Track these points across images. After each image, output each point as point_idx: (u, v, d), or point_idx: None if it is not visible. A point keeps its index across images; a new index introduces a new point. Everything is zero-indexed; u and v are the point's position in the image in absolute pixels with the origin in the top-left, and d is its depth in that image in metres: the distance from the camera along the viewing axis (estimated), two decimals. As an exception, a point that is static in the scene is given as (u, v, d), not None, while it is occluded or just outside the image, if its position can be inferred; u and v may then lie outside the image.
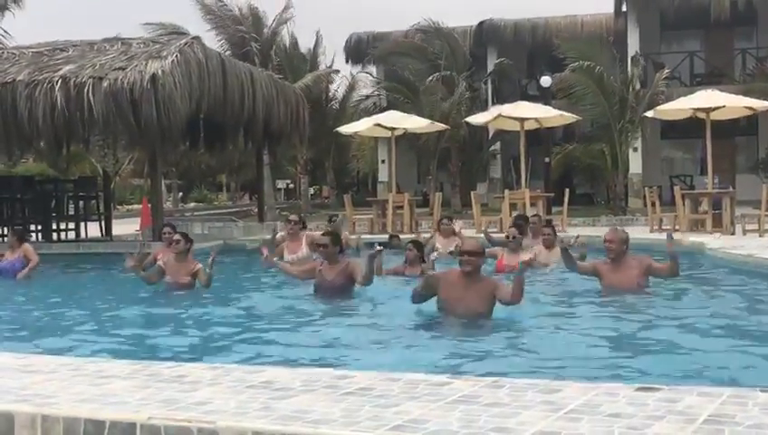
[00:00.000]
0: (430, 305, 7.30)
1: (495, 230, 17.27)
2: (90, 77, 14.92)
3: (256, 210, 23.63)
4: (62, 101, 14.84)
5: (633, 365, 5.55)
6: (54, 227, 19.91)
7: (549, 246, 10.88)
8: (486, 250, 8.54)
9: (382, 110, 26.72)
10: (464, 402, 3.62)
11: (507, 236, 10.80)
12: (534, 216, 13.68)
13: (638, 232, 15.13)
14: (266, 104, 18.18)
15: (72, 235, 20.12)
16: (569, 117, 20.74)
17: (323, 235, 9.11)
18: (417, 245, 10.43)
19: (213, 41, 31.72)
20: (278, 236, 12.38)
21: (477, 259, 7.06)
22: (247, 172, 46.39)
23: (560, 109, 21.58)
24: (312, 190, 43.61)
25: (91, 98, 14.67)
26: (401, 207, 19.54)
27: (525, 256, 8.51)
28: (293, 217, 12.40)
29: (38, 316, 8.57)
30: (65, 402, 3.81)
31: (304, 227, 12.36)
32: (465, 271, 7.02)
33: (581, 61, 24.69)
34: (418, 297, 7.29)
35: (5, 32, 24.32)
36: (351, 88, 36.91)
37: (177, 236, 9.81)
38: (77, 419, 3.60)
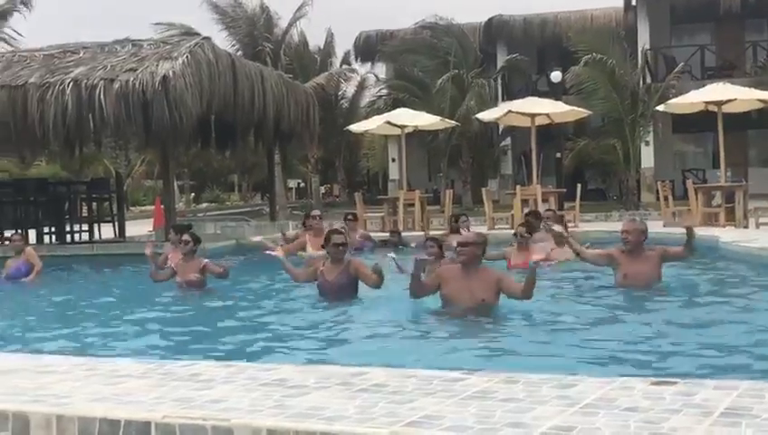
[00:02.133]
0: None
1: (507, 227, 17.24)
2: (101, 79, 14.95)
3: (268, 210, 23.65)
4: (74, 104, 14.87)
5: (648, 359, 5.52)
6: (68, 228, 19.97)
7: (559, 242, 10.83)
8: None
9: (392, 108, 26.70)
10: (478, 398, 3.60)
11: (515, 235, 10.78)
12: (548, 210, 13.61)
13: (652, 226, 15.02)
14: (277, 104, 18.16)
15: (85, 236, 20.18)
16: (580, 112, 20.67)
17: (334, 232, 8.99)
18: (436, 241, 10.31)
19: (223, 41, 31.77)
20: (289, 233, 12.52)
21: (472, 249, 7.10)
22: (259, 172, 46.44)
23: (571, 104, 21.51)
24: (323, 189, 43.59)
25: (103, 100, 14.68)
26: (412, 205, 19.52)
27: (536, 256, 8.50)
28: (317, 212, 12.58)
29: (53, 318, 8.60)
30: (80, 402, 3.82)
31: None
32: (461, 261, 7.07)
33: (593, 54, 24.62)
34: (418, 293, 7.30)
35: (17, 33, 24.39)
36: (361, 86, 36.91)
37: (185, 237, 9.86)
38: (92, 418, 3.61)
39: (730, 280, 9.73)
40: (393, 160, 32.45)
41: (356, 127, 23.58)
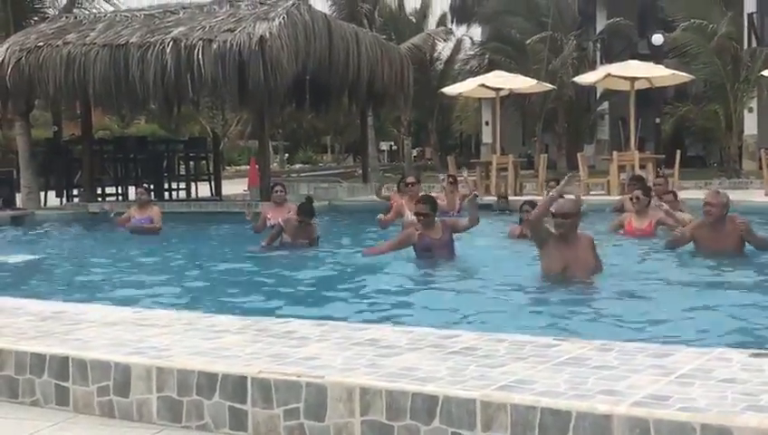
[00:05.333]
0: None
1: (603, 192, 16.99)
2: (200, 39, 15.18)
3: (360, 171, 23.79)
4: (173, 63, 15.15)
5: (744, 330, 5.40)
6: (166, 186, 20.46)
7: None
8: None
9: (487, 70, 26.42)
10: (571, 364, 3.57)
11: (632, 199, 10.48)
12: (658, 177, 13.30)
13: (753, 195, 14.64)
14: (371, 65, 18.19)
15: (182, 194, 20.64)
16: (681, 76, 20.12)
17: (421, 202, 8.87)
18: (533, 205, 10.15)
19: (320, 2, 31.83)
20: (383, 194, 12.60)
21: (572, 220, 6.93)
22: (351, 134, 46.60)
23: (672, 68, 20.94)
24: (414, 152, 43.49)
25: (201, 60, 14.93)
26: (505, 169, 19.36)
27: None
28: (411, 178, 12.56)
29: (153, 273, 8.84)
30: (179, 355, 3.92)
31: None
32: (560, 233, 6.92)
33: (691, 19, 23.89)
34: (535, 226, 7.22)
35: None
36: (456, 48, 36.56)
37: (301, 218, 9.78)
38: (191, 371, 3.71)
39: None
40: (486, 124, 32.17)
41: (450, 89, 23.45)
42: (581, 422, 2.98)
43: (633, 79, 19.02)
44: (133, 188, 19.56)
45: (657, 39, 24.33)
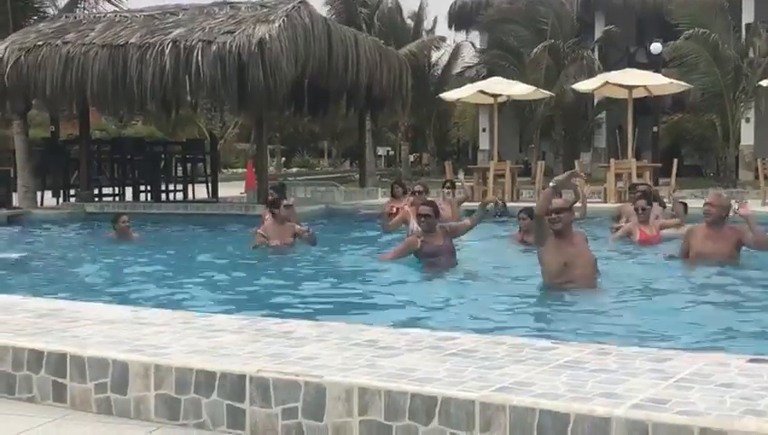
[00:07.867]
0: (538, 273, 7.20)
1: (599, 200, 17.00)
2: (199, 41, 15.18)
3: (357, 176, 23.78)
4: (172, 65, 15.14)
5: (740, 336, 5.41)
6: (163, 187, 20.45)
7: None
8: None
9: (485, 77, 26.44)
10: (569, 368, 3.57)
11: (636, 209, 10.52)
12: (642, 184, 13.28)
13: (749, 206, 14.62)
14: (370, 70, 18.18)
15: (179, 196, 20.63)
16: (680, 85, 20.15)
17: (424, 204, 8.95)
18: (530, 212, 10.16)
19: (319, 5, 31.86)
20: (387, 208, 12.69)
21: (565, 215, 6.86)
22: (348, 139, 46.68)
23: (670, 77, 20.97)
24: (411, 158, 43.53)
25: (200, 61, 14.92)
26: (502, 176, 19.36)
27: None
28: (419, 187, 12.52)
29: (148, 274, 8.83)
30: (177, 354, 3.92)
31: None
32: (556, 229, 6.85)
33: (695, 28, 23.91)
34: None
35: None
36: (455, 55, 36.62)
37: (287, 202, 9.94)
38: (189, 369, 3.70)
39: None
40: (484, 130, 32.22)
41: (448, 95, 23.45)
42: (580, 425, 2.98)
43: (631, 87, 19.04)
44: (130, 189, 19.65)
45: (656, 48, 24.35)
